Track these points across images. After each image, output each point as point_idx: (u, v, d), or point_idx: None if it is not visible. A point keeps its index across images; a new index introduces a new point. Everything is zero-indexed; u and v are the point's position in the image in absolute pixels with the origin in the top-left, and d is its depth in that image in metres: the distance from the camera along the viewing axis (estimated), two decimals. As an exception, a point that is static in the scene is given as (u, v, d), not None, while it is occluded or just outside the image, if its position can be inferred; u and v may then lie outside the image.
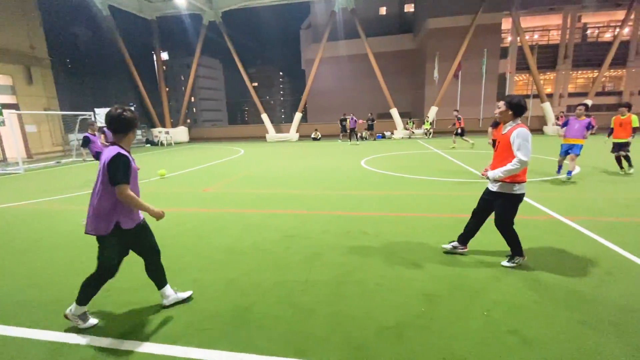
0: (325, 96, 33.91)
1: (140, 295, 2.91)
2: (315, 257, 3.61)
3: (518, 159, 2.92)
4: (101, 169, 2.25)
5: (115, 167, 2.19)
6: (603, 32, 27.91)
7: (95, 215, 2.28)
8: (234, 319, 2.54)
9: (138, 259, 2.65)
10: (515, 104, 3.04)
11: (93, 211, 2.28)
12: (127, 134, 2.35)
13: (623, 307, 2.52)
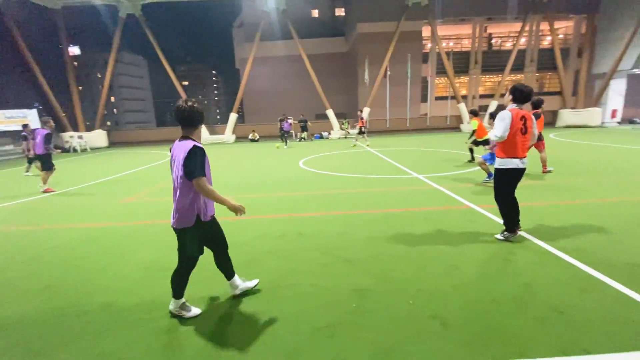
0: (262, 96, 33.31)
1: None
2: (249, 264, 3.46)
3: (491, 135, 3.66)
4: (179, 165, 2.23)
5: (193, 161, 2.17)
6: (505, 42, 32.22)
7: (177, 210, 2.31)
8: (156, 344, 2.29)
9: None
10: (515, 88, 3.60)
11: (175, 206, 2.32)
12: (197, 127, 2.34)
13: (522, 284, 2.87)
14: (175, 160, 2.30)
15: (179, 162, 2.24)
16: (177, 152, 2.27)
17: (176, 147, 2.31)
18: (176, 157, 2.27)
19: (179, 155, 2.23)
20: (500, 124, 3.50)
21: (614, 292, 2.68)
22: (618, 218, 4.37)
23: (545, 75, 31.66)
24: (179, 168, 2.24)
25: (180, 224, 2.35)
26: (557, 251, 3.44)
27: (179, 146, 2.28)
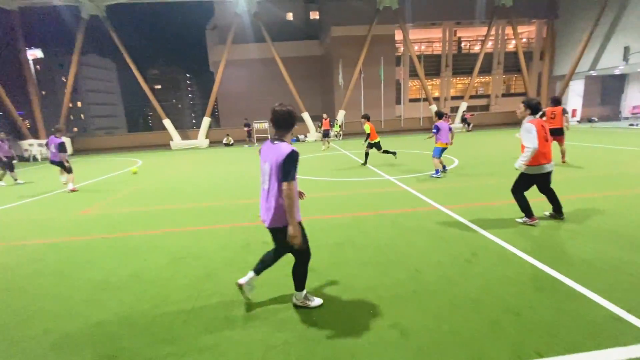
0: (237, 100, 32.81)
1: None
2: (206, 278, 3.29)
3: (526, 147, 3.89)
4: (273, 167, 2.28)
5: (291, 164, 2.23)
6: (473, 45, 33.48)
7: (274, 209, 2.33)
8: (91, 374, 2.09)
9: None
10: (532, 105, 4.02)
11: (272, 205, 2.34)
12: (290, 130, 2.40)
13: (481, 285, 2.88)
14: (268, 162, 2.35)
15: (274, 164, 2.29)
16: (271, 154, 2.32)
17: (269, 148, 2.38)
18: (270, 158, 2.33)
19: (274, 157, 2.29)
20: (530, 136, 3.86)
21: (568, 290, 2.74)
22: (574, 214, 4.53)
23: (511, 77, 33.12)
24: (274, 169, 2.29)
25: (277, 223, 2.39)
26: (516, 250, 3.50)
27: (272, 148, 2.34)
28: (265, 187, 2.43)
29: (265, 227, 2.50)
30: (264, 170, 2.41)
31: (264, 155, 2.42)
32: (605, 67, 22.84)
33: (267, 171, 2.38)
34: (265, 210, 2.45)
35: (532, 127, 3.89)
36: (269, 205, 2.40)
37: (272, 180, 2.35)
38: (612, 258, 3.23)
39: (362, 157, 10.35)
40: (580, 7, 24.04)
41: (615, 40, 21.72)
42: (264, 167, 2.41)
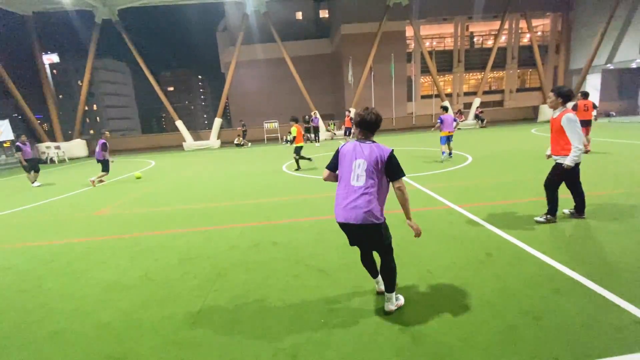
0: (248, 100, 33.04)
1: None
2: (216, 279, 3.28)
3: (575, 146, 3.63)
4: (372, 165, 2.33)
5: (397, 161, 2.36)
6: (486, 40, 32.74)
7: (372, 207, 2.35)
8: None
9: None
10: (563, 92, 3.73)
11: (368, 205, 2.33)
12: (374, 132, 2.48)
13: (496, 287, 2.78)
14: (365, 159, 2.34)
15: (373, 162, 2.33)
16: (374, 154, 2.34)
17: (360, 146, 2.39)
18: (366, 156, 2.34)
19: (374, 155, 2.33)
20: (576, 126, 3.62)
21: (588, 292, 2.61)
22: (594, 213, 4.34)
23: (526, 72, 32.27)
24: (373, 167, 2.34)
25: (378, 219, 2.40)
26: (533, 250, 3.37)
27: (374, 149, 2.36)
28: (359, 185, 2.35)
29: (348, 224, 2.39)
30: (355, 167, 2.36)
31: (355, 154, 2.38)
32: (622, 61, 22.01)
33: (362, 168, 2.35)
34: (352, 208, 2.34)
35: (576, 118, 3.64)
36: (361, 202, 2.33)
37: (368, 177, 2.34)
38: (636, 260, 3.06)
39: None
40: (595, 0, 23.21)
41: (631, 33, 20.88)
42: (356, 164, 2.36)
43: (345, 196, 2.38)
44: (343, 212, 2.38)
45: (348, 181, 2.38)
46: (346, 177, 2.40)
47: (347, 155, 2.42)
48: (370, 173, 2.34)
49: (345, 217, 2.37)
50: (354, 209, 2.34)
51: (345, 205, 2.36)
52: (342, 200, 2.39)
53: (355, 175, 2.36)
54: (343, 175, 2.43)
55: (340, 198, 2.42)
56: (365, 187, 2.35)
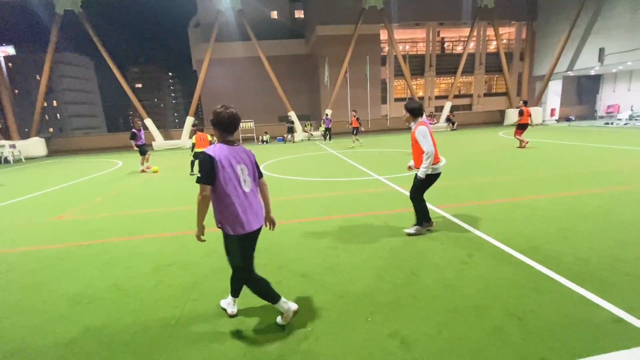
0: (222, 99, 32.14)
1: None
2: (192, 287, 3.09)
3: (425, 152, 3.69)
4: (251, 167, 2.32)
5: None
6: (456, 46, 33.99)
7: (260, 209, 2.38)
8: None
9: None
10: (410, 108, 3.83)
11: (259, 206, 2.37)
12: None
13: (480, 288, 2.81)
14: (245, 164, 2.28)
15: (252, 164, 2.33)
16: (242, 156, 2.28)
17: (234, 151, 2.24)
18: (242, 160, 2.27)
19: (247, 158, 2.31)
20: (426, 140, 3.68)
21: (566, 290, 2.70)
22: (564, 213, 4.56)
23: (493, 77, 33.81)
24: (253, 170, 2.34)
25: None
26: (512, 250, 3.47)
27: (238, 151, 2.26)
28: (247, 191, 2.28)
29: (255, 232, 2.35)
30: (240, 172, 2.25)
31: (235, 159, 2.22)
32: (581, 68, 23.61)
33: (246, 173, 2.29)
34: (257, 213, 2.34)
35: (426, 130, 3.72)
36: (257, 205, 2.37)
37: (252, 180, 2.35)
38: (606, 257, 3.23)
39: (347, 156, 10.27)
40: (557, 10, 24.78)
41: (590, 42, 22.48)
42: (240, 169, 2.25)
43: (248, 203, 2.27)
44: (256, 218, 2.30)
45: (239, 187, 2.23)
46: (234, 184, 2.21)
47: (225, 161, 2.18)
48: (252, 175, 2.35)
49: (260, 222, 2.35)
50: (258, 213, 2.34)
51: (253, 211, 2.28)
52: (248, 208, 2.26)
53: (243, 180, 2.26)
54: (228, 182, 2.19)
55: (241, 207, 2.23)
56: (248, 192, 2.29)
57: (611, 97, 26.81)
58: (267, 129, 23.20)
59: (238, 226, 2.23)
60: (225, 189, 2.18)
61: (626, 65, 21.77)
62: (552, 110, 26.53)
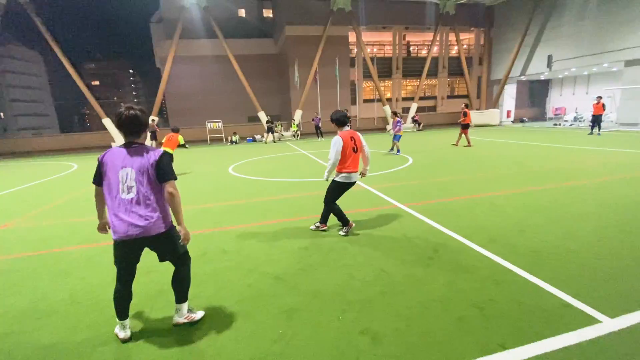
0: (189, 98, 31.03)
1: None
2: (157, 296, 2.96)
3: (329, 159, 4.04)
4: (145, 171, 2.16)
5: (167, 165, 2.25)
6: (421, 49, 35.31)
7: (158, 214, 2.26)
8: None
9: None
10: (334, 119, 4.17)
11: (151, 211, 2.21)
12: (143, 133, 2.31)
13: (446, 282, 2.95)
14: (133, 167, 2.14)
15: (146, 165, 2.14)
16: (134, 158, 2.14)
17: (125, 152, 2.15)
18: (132, 162, 2.14)
19: (141, 160, 2.14)
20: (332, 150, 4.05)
21: (523, 280, 2.90)
22: (519, 208, 4.90)
23: (455, 80, 35.52)
24: (146, 172, 2.15)
25: (160, 229, 2.24)
26: (474, 245, 3.66)
27: (132, 152, 2.15)
28: (131, 197, 2.14)
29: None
30: (126, 177, 2.14)
31: (123, 162, 2.14)
32: (533, 73, 25.45)
33: (132, 178, 2.13)
34: (132, 223, 2.14)
35: (335, 141, 3.97)
36: (148, 211, 2.17)
37: (144, 185, 2.16)
38: (556, 247, 3.51)
39: (318, 157, 10.32)
40: (511, 19, 26.53)
41: (540, 49, 24.29)
42: (125, 174, 2.14)
43: (124, 209, 2.16)
44: (127, 227, 2.16)
45: (120, 193, 2.15)
46: (112, 188, 2.16)
47: (113, 164, 2.16)
48: (152, 180, 2.17)
49: (130, 234, 2.17)
50: (136, 223, 2.14)
51: (125, 219, 2.15)
52: (122, 215, 2.16)
53: (124, 187, 2.14)
54: (107, 186, 2.18)
55: (112, 211, 2.19)
56: (145, 196, 2.17)
57: (558, 101, 29.17)
58: (236, 129, 22.73)
59: (112, 231, 2.21)
60: (105, 191, 2.22)
61: (570, 71, 23.78)
62: (508, 112, 28.37)
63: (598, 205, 4.84)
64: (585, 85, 26.65)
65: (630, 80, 18.66)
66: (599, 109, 14.66)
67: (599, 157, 8.97)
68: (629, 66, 18.76)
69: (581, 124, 21.26)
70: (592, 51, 20.51)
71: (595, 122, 15.00)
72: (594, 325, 2.28)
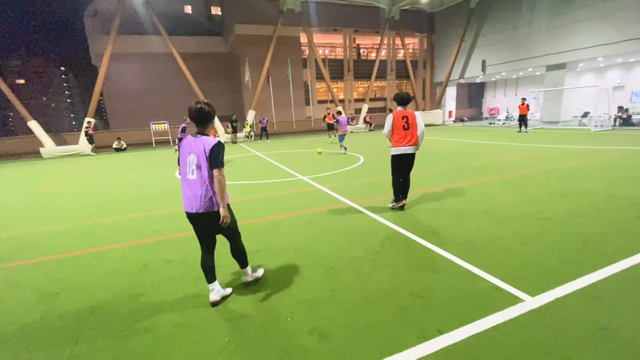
0: (131, 98, 28.84)
1: None
2: (90, 314, 2.71)
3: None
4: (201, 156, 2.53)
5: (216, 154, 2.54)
6: (370, 52, 36.62)
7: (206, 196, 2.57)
8: None
9: None
10: (394, 98, 4.88)
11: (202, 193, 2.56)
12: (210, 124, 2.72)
13: (390, 274, 3.08)
14: (195, 153, 2.53)
15: (202, 152, 2.51)
16: (197, 146, 2.53)
17: (192, 141, 2.56)
18: (195, 149, 2.53)
19: (200, 147, 2.52)
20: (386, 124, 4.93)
21: (458, 268, 3.13)
22: (458, 201, 5.29)
23: (402, 83, 37.35)
24: (203, 158, 2.51)
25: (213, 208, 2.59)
26: (416, 237, 3.88)
27: (196, 141, 2.55)
28: (194, 178, 2.56)
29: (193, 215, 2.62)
30: (191, 162, 2.55)
31: (188, 148, 2.57)
32: (470, 77, 27.72)
33: (194, 162, 2.54)
34: (196, 197, 2.56)
35: (388, 117, 4.82)
36: (200, 192, 2.55)
37: (203, 168, 2.53)
38: (488, 234, 3.85)
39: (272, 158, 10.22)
40: (450, 25, 28.64)
41: (476, 55, 26.53)
42: (190, 158, 2.55)
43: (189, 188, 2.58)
44: (190, 202, 2.60)
45: (185, 173, 2.60)
46: (183, 170, 2.61)
47: (182, 150, 2.63)
48: (202, 165, 2.54)
49: (193, 208, 2.59)
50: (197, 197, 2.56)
51: (189, 196, 2.59)
52: (187, 192, 2.60)
53: (188, 169, 2.57)
54: (181, 168, 2.63)
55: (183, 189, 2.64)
56: (195, 180, 2.56)
57: (492, 101, 32.11)
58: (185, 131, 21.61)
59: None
60: (180, 171, 2.67)
61: (501, 75, 26.30)
62: (450, 112, 30.57)
63: (523, 196, 5.41)
64: (515, 87, 29.66)
65: (551, 83, 21.13)
66: (524, 109, 16.41)
67: (525, 152, 10.03)
68: (549, 70, 21.24)
69: (512, 123, 23.60)
70: (518, 57, 22.88)
71: (522, 121, 16.76)
72: (518, 304, 2.53)
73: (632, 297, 2.55)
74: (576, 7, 18.84)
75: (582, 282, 2.78)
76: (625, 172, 6.73)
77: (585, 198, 5.11)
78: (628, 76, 21.00)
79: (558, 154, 9.38)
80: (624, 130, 15.40)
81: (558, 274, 2.93)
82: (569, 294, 2.63)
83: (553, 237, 3.74)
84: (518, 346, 2.10)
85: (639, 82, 20.24)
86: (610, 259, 3.15)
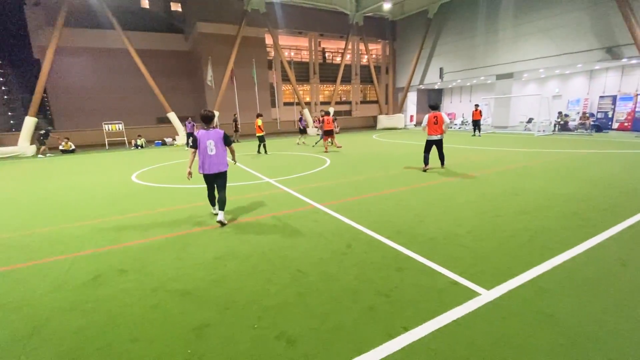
0: (80, 96, 26.65)
1: None
2: (32, 334, 2.44)
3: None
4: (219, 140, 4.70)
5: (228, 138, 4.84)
6: (335, 56, 37.16)
7: (222, 162, 4.76)
8: None
9: None
10: (428, 105, 8.23)
11: (219, 160, 4.73)
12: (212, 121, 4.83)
13: (357, 274, 3.12)
14: (213, 139, 4.63)
15: (219, 138, 4.68)
16: (214, 135, 4.65)
17: (208, 132, 4.65)
18: (213, 137, 4.63)
19: (216, 135, 4.66)
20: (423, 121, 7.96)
21: (421, 266, 3.25)
22: (419, 201, 5.51)
23: (366, 87, 38.32)
24: (220, 141, 4.69)
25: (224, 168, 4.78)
26: (381, 237, 3.97)
27: (213, 132, 4.67)
28: (214, 152, 4.63)
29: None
30: (210, 144, 4.61)
31: (206, 136, 4.61)
32: (429, 83, 29.11)
33: (213, 144, 4.62)
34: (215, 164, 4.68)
35: (425, 118, 7.84)
36: (216, 160, 4.68)
37: (220, 146, 4.66)
38: (447, 232, 4.04)
39: (238, 160, 9.93)
40: (410, 33, 29.92)
41: (434, 62, 27.94)
42: (209, 142, 4.60)
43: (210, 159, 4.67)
44: (209, 168, 4.68)
45: (206, 151, 4.62)
46: (208, 149, 4.61)
47: (204, 138, 4.62)
48: (219, 145, 4.68)
49: (209, 171, 4.71)
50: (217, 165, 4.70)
51: (211, 164, 4.66)
52: (206, 162, 4.67)
53: (210, 147, 4.61)
54: (202, 149, 4.64)
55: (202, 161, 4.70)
56: (213, 153, 4.64)
57: (450, 107, 33.95)
58: (141, 131, 20.45)
59: (202, 169, 4.72)
60: (198, 152, 4.65)
61: (457, 82, 27.91)
62: (411, 116, 31.87)
63: (478, 195, 5.76)
64: (469, 94, 31.62)
65: (500, 91, 22.80)
66: (477, 114, 17.58)
67: (479, 155, 10.72)
68: (499, 79, 22.91)
69: (467, 127, 25.12)
70: (472, 66, 24.43)
71: (475, 126, 17.91)
72: (475, 298, 2.68)
73: (571, 287, 2.80)
74: (521, 22, 20.56)
75: (531, 274, 3.01)
76: (562, 172, 7.43)
77: (531, 196, 5.55)
78: (565, 86, 23.26)
79: (508, 156, 10.13)
80: (562, 135, 17.01)
81: (510, 267, 3.15)
82: (519, 285, 2.83)
83: (505, 233, 4.01)
84: (476, 337, 2.22)
85: (574, 92, 22.49)
86: (553, 251, 3.45)
